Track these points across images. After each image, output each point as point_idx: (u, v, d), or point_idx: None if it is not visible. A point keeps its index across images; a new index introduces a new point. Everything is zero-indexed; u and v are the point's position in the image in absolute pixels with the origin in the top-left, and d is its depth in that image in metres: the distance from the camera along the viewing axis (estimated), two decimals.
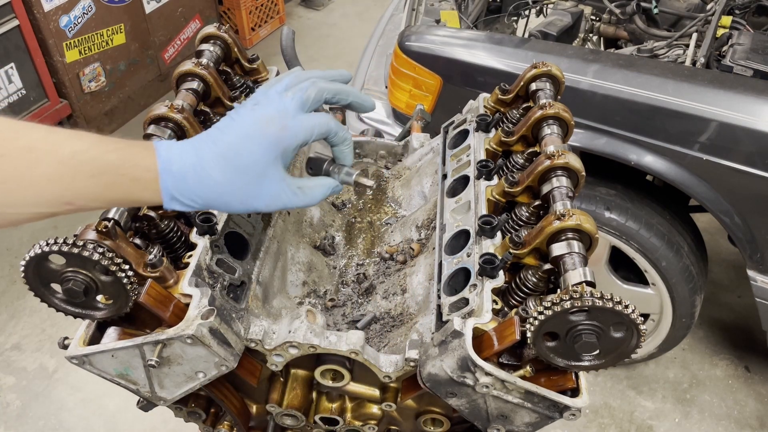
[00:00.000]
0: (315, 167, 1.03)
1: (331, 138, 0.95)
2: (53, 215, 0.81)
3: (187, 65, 1.23)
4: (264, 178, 0.87)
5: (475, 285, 1.12)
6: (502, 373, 1.01)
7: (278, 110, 0.87)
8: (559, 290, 1.02)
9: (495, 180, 1.31)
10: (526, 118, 1.30)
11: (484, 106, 1.49)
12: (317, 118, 0.91)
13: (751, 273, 2.42)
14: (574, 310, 0.93)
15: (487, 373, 1.01)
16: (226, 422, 1.37)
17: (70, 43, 3.98)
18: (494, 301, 1.08)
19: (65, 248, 0.93)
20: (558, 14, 3.28)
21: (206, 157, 0.84)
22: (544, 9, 3.42)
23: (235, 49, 1.35)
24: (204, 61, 1.26)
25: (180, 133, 1.22)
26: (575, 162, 1.16)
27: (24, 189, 0.76)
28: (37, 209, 0.79)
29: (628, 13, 3.18)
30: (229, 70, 1.37)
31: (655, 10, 3.08)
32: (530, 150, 1.30)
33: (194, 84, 1.23)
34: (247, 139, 0.85)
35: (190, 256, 1.11)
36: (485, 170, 1.30)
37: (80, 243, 0.93)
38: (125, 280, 0.96)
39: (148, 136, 1.18)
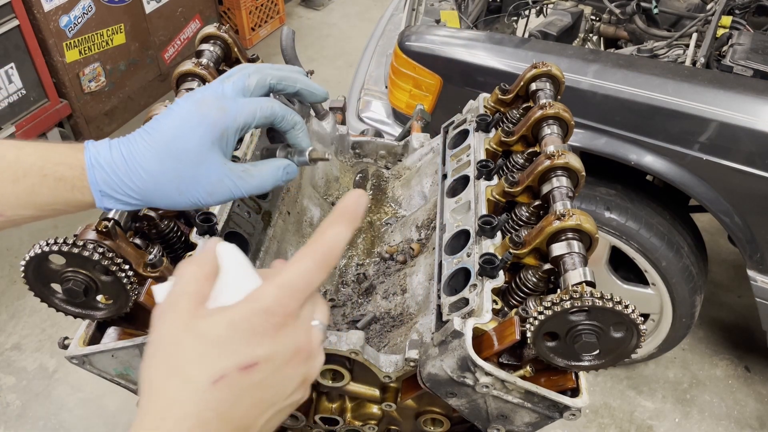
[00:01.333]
0: (269, 154, 0.97)
1: (278, 123, 0.89)
2: None
3: (187, 65, 1.23)
4: (201, 165, 0.80)
5: (475, 285, 1.12)
6: (502, 373, 1.01)
7: (216, 94, 0.82)
8: (559, 290, 1.02)
9: (495, 180, 1.31)
10: (526, 118, 1.30)
11: (484, 106, 1.50)
12: (260, 101, 0.85)
13: (751, 273, 2.42)
14: (574, 310, 0.93)
15: (487, 373, 1.01)
16: None
17: (70, 43, 3.98)
18: (494, 301, 1.08)
19: (65, 248, 0.93)
20: (558, 14, 3.28)
21: (138, 146, 0.78)
22: (544, 9, 3.42)
23: (235, 49, 1.35)
24: (204, 61, 1.26)
25: None
26: (575, 162, 1.16)
27: None
28: None
29: (628, 13, 3.18)
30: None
31: (655, 10, 3.08)
32: (530, 150, 1.30)
33: (194, 84, 1.23)
34: (182, 123, 0.79)
35: (190, 255, 1.11)
36: (485, 170, 1.30)
37: (80, 243, 0.93)
38: (125, 280, 0.96)
39: None
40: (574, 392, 1.05)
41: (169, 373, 0.55)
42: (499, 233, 1.20)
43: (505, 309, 1.11)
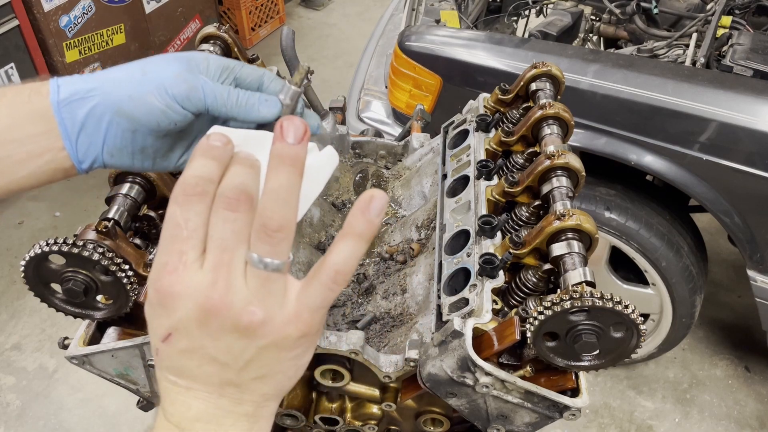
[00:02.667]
0: None
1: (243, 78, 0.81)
2: None
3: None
4: (172, 61, 0.76)
5: (475, 285, 1.12)
6: (502, 373, 1.01)
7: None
8: (559, 290, 1.02)
9: (495, 180, 1.31)
10: (526, 118, 1.30)
11: (484, 106, 1.50)
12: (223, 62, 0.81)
13: (751, 273, 2.42)
14: (574, 310, 0.93)
15: (487, 373, 1.01)
16: None
17: (70, 43, 3.98)
18: (494, 301, 1.08)
19: (65, 248, 0.93)
20: (558, 14, 3.28)
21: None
22: (544, 9, 3.42)
23: (235, 49, 1.35)
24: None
25: None
26: (575, 162, 1.16)
27: None
28: None
29: (628, 13, 3.18)
30: None
31: (655, 10, 3.08)
32: (530, 150, 1.30)
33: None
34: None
35: None
36: (485, 170, 1.30)
37: (80, 243, 0.93)
38: (125, 280, 0.96)
39: None
40: (574, 392, 1.05)
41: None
42: (499, 233, 1.20)
43: (505, 309, 1.11)
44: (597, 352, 0.99)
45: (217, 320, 0.54)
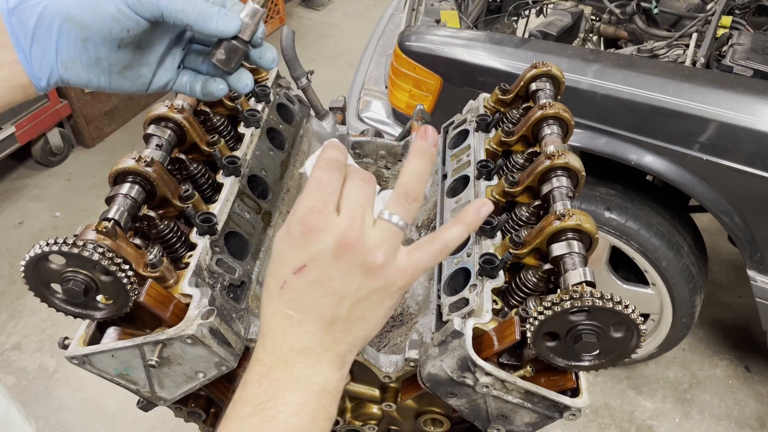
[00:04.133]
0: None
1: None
2: None
3: None
4: None
5: (475, 285, 1.12)
6: (502, 373, 1.01)
7: None
8: (559, 290, 1.02)
9: (495, 180, 1.31)
10: (526, 118, 1.30)
11: (484, 106, 1.50)
12: None
13: (751, 273, 2.42)
14: (574, 310, 0.93)
15: (487, 373, 1.01)
16: None
17: None
18: (494, 301, 1.09)
19: (65, 248, 0.93)
20: (558, 14, 3.28)
21: None
22: (544, 9, 3.42)
23: None
24: None
25: (180, 133, 1.22)
26: (575, 162, 1.16)
27: None
28: None
29: (628, 13, 3.18)
30: None
31: (655, 10, 3.08)
32: (530, 150, 1.30)
33: None
34: None
35: (191, 256, 1.11)
36: (485, 170, 1.30)
37: (80, 243, 0.93)
38: (125, 280, 0.96)
39: (148, 137, 1.18)
40: (574, 392, 1.05)
41: (264, 288, 0.71)
42: (499, 233, 1.20)
43: (505, 309, 1.11)
44: (597, 352, 0.99)
45: (349, 255, 0.64)
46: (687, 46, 2.81)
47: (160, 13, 0.71)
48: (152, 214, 1.10)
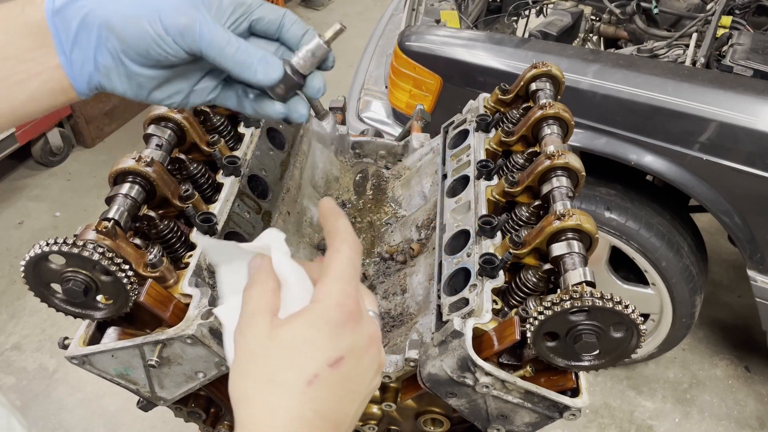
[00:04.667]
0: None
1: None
2: None
3: None
4: None
5: (475, 285, 1.12)
6: (502, 373, 1.01)
7: None
8: (559, 290, 1.02)
9: (495, 180, 1.31)
10: (526, 118, 1.30)
11: (484, 106, 1.50)
12: None
13: (751, 273, 2.42)
14: (574, 310, 0.93)
15: (487, 373, 1.01)
16: (226, 422, 1.37)
17: None
18: (494, 301, 1.08)
19: (65, 248, 0.93)
20: (558, 14, 3.28)
21: None
22: (544, 9, 3.42)
23: None
24: None
25: (180, 133, 1.22)
26: (575, 162, 1.16)
27: None
28: None
29: (628, 13, 3.18)
30: None
31: (655, 10, 3.08)
32: (530, 150, 1.30)
33: None
34: None
35: (190, 256, 1.11)
36: (485, 170, 1.30)
37: (80, 243, 0.93)
38: (125, 280, 0.96)
39: (148, 137, 1.18)
40: (574, 392, 1.05)
41: (266, 383, 0.57)
42: (499, 233, 1.20)
43: (505, 309, 1.11)
44: (597, 352, 0.99)
45: (376, 348, 0.63)
46: (687, 46, 2.81)
47: (199, 51, 0.68)
48: (152, 214, 1.10)
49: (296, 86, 0.74)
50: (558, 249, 1.04)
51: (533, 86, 1.37)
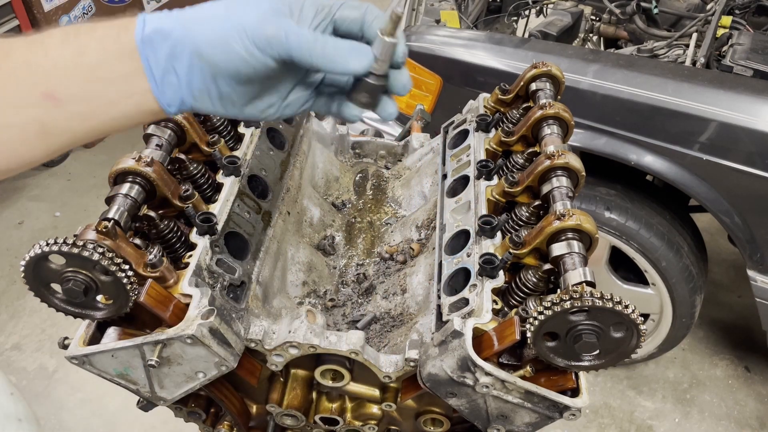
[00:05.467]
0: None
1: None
2: (44, 127, 0.71)
3: None
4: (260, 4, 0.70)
5: (475, 285, 1.12)
6: (502, 373, 1.01)
7: None
8: (559, 290, 1.02)
9: (495, 180, 1.31)
10: (526, 118, 1.30)
11: (484, 106, 1.50)
12: None
13: (751, 273, 2.42)
14: (574, 310, 0.93)
15: (487, 373, 1.01)
16: (226, 422, 1.37)
17: None
18: (494, 301, 1.08)
19: (65, 248, 0.93)
20: (558, 14, 3.28)
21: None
22: (544, 9, 3.42)
23: None
24: None
25: (180, 133, 1.22)
26: (575, 162, 1.16)
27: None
28: (19, 115, 0.70)
29: (628, 13, 3.18)
30: None
31: (655, 10, 3.08)
32: (530, 150, 1.30)
33: None
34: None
35: (190, 256, 1.11)
36: (485, 170, 1.30)
37: (80, 243, 0.93)
38: (125, 280, 0.96)
39: (148, 137, 1.18)
40: (574, 392, 1.05)
41: None
42: (499, 233, 1.20)
43: (505, 309, 1.11)
44: (597, 352, 0.99)
45: None
46: (687, 46, 2.81)
47: (288, 55, 0.69)
48: (152, 214, 1.10)
49: (378, 89, 0.74)
50: (558, 249, 1.04)
51: (533, 86, 1.37)
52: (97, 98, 0.71)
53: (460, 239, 1.25)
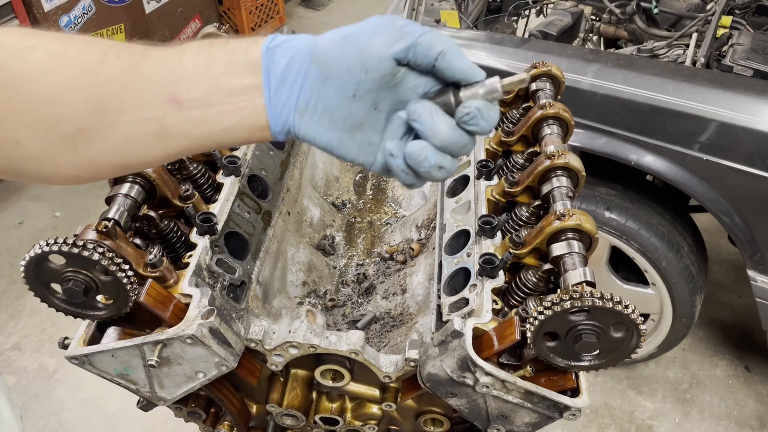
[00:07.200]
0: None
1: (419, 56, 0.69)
2: (162, 128, 0.72)
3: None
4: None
5: (475, 285, 1.12)
6: (502, 373, 1.01)
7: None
8: (559, 290, 1.02)
9: (495, 180, 1.31)
10: (526, 118, 1.30)
11: None
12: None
13: (751, 273, 2.42)
14: (574, 310, 0.93)
15: (487, 373, 1.01)
16: (226, 422, 1.37)
17: None
18: (494, 301, 1.08)
19: (65, 248, 0.93)
20: (558, 14, 3.28)
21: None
22: (544, 9, 3.42)
23: None
24: None
25: None
26: (575, 162, 1.16)
27: (126, 88, 0.70)
28: (143, 113, 0.71)
29: (628, 13, 3.18)
30: None
31: (655, 10, 3.08)
32: (530, 150, 1.30)
33: None
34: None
35: (190, 256, 1.11)
36: (485, 170, 1.30)
37: (80, 243, 0.93)
38: (125, 280, 0.96)
39: None
40: (574, 392, 1.05)
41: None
42: (499, 233, 1.20)
43: (505, 309, 1.11)
44: (597, 352, 0.99)
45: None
46: (687, 46, 2.81)
47: (413, 52, 0.68)
48: (152, 214, 1.10)
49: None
50: (558, 249, 1.04)
51: (533, 86, 1.37)
52: (214, 106, 0.72)
53: (460, 239, 1.25)
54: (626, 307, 0.92)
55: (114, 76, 0.71)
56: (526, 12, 3.48)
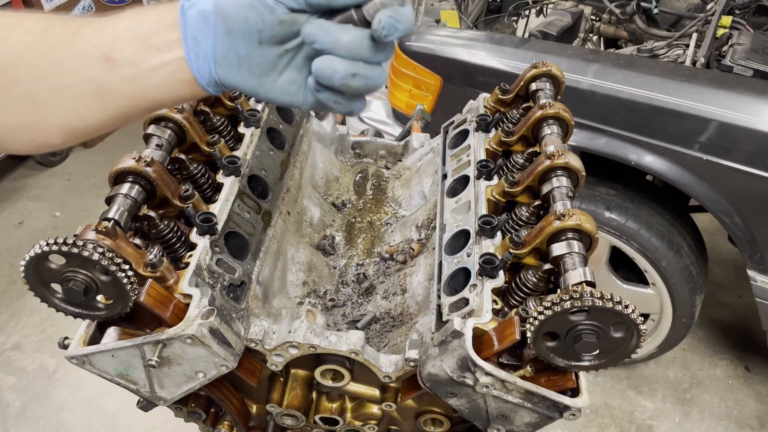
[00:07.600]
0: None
1: None
2: (100, 87, 0.75)
3: None
4: None
5: (475, 285, 1.12)
6: (502, 373, 1.01)
7: None
8: (559, 290, 1.02)
9: (495, 180, 1.31)
10: (526, 118, 1.30)
11: (484, 106, 1.50)
12: None
13: (751, 273, 2.42)
14: (574, 310, 0.93)
15: (487, 373, 1.01)
16: (226, 422, 1.37)
17: None
18: (494, 301, 1.08)
19: (65, 248, 0.93)
20: (558, 14, 3.28)
21: None
22: (544, 9, 3.42)
23: None
24: None
25: (180, 133, 1.22)
26: (575, 162, 1.16)
27: (64, 51, 0.76)
28: (82, 74, 0.75)
29: (628, 13, 3.18)
30: None
31: (655, 10, 3.08)
32: (530, 150, 1.30)
33: None
34: None
35: (190, 256, 1.11)
36: (485, 170, 1.30)
37: (80, 243, 0.93)
38: (125, 280, 0.96)
39: (148, 137, 1.18)
40: (574, 392, 1.05)
41: None
42: (499, 233, 1.20)
43: (505, 309, 1.11)
44: (597, 352, 0.99)
45: None
46: (687, 46, 2.81)
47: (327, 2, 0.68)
48: (152, 214, 1.10)
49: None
50: (558, 249, 1.04)
51: (533, 86, 1.37)
52: (145, 63, 0.75)
53: (460, 239, 1.25)
54: (626, 307, 0.92)
55: (57, 41, 0.77)
56: (526, 12, 3.48)
